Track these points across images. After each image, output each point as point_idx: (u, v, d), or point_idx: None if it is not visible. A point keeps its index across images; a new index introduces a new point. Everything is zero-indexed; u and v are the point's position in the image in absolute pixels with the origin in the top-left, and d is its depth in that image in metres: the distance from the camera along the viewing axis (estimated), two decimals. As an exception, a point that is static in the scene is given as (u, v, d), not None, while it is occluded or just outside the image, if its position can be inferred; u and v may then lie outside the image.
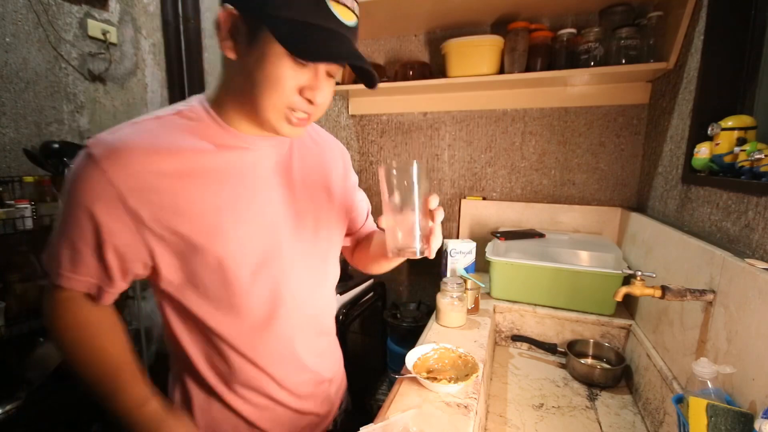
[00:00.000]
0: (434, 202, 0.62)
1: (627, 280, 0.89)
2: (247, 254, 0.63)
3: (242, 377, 0.68)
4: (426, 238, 0.63)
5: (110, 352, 0.64)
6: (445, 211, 1.96)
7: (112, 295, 0.63)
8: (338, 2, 0.53)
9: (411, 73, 1.60)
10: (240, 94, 0.59)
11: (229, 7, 0.53)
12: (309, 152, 0.75)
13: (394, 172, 0.61)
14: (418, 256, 0.63)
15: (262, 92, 0.56)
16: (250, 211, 0.63)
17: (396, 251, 0.64)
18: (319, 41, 0.52)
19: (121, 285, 0.62)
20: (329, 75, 0.59)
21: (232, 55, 0.56)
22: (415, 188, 0.61)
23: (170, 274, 0.61)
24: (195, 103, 0.63)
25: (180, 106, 0.62)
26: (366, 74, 0.59)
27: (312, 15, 0.52)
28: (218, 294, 0.63)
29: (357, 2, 0.57)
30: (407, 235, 0.62)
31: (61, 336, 0.63)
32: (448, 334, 1.13)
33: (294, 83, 0.55)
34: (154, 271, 0.62)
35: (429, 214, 0.63)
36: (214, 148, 0.61)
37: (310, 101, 0.58)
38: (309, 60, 0.53)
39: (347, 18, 0.55)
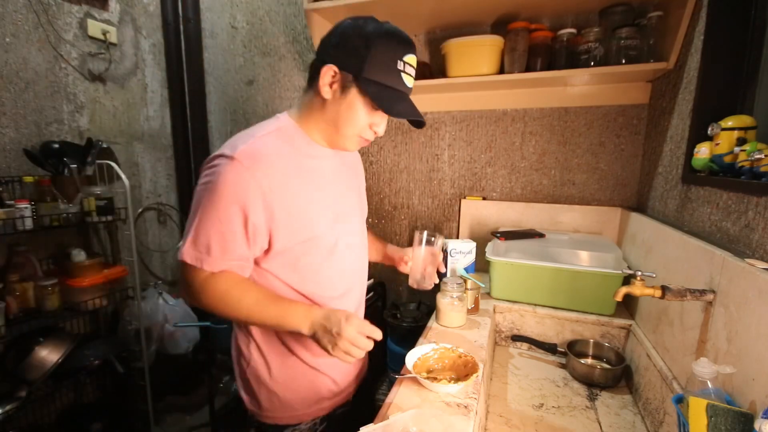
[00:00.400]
0: (441, 257, 1.06)
1: (627, 280, 0.89)
2: (333, 234, 0.86)
3: None
4: (432, 277, 1.04)
5: (264, 292, 0.80)
6: (445, 210, 1.96)
7: (249, 271, 0.81)
8: (407, 73, 0.78)
9: (411, 73, 1.60)
10: (324, 121, 0.82)
11: (332, 65, 0.75)
12: (349, 156, 0.98)
13: (425, 237, 1.02)
14: (428, 288, 1.03)
15: (345, 125, 0.80)
16: (327, 201, 0.86)
17: (415, 283, 1.03)
18: (395, 101, 0.77)
19: (252, 265, 0.81)
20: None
21: (328, 97, 0.78)
22: (436, 248, 1.02)
23: (274, 253, 0.80)
24: (285, 123, 0.84)
25: (277, 123, 0.83)
26: (417, 122, 0.83)
27: (390, 80, 0.76)
28: (312, 267, 0.84)
29: (415, 69, 0.81)
30: (428, 276, 1.02)
31: (217, 302, 0.78)
32: (448, 334, 1.13)
33: (367, 121, 0.80)
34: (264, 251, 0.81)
35: (439, 264, 1.05)
36: (303, 157, 0.82)
37: (375, 132, 0.83)
38: (389, 115, 0.77)
39: (410, 83, 0.80)
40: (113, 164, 1.75)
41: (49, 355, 1.49)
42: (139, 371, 1.88)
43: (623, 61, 1.30)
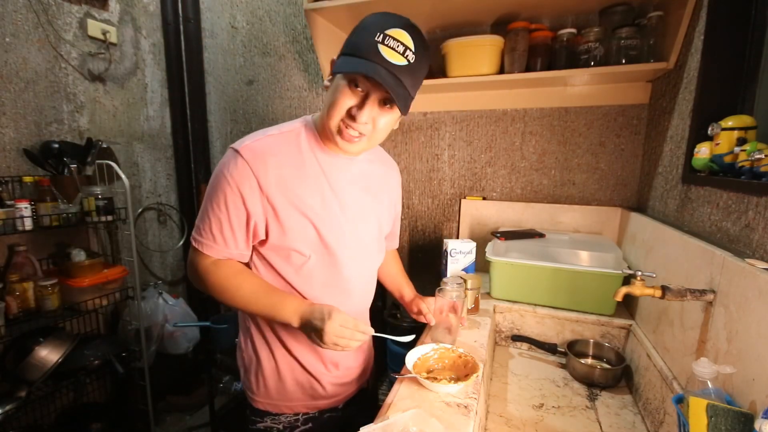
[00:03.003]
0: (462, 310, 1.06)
1: (627, 280, 0.89)
2: (333, 240, 0.85)
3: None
4: (455, 332, 1.02)
5: (261, 283, 0.84)
6: (445, 210, 1.96)
7: (247, 258, 0.86)
8: (387, 46, 0.69)
9: (411, 73, 1.60)
10: (322, 118, 0.81)
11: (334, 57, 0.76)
12: (378, 171, 0.98)
13: (446, 293, 1.02)
14: (450, 344, 0.97)
15: (328, 114, 0.77)
16: (335, 205, 0.85)
17: (436, 341, 1.00)
18: (356, 64, 0.70)
19: (250, 253, 0.86)
20: (382, 104, 0.75)
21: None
22: (457, 301, 1.01)
23: (270, 245, 0.83)
24: (303, 125, 0.85)
25: (296, 125, 0.85)
26: (400, 98, 0.72)
27: (363, 52, 0.70)
28: (306, 266, 0.85)
29: (412, 50, 0.71)
30: (452, 330, 1.01)
31: (218, 288, 0.82)
32: (448, 334, 1.12)
33: (345, 104, 0.74)
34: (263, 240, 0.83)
35: (461, 319, 1.07)
36: (314, 157, 0.84)
37: (354, 118, 0.74)
38: (339, 71, 0.73)
39: (390, 56, 0.70)
40: (113, 164, 1.75)
41: (49, 355, 1.49)
42: (139, 371, 1.88)
43: (623, 61, 1.30)
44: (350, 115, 0.74)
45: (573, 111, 1.58)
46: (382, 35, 0.69)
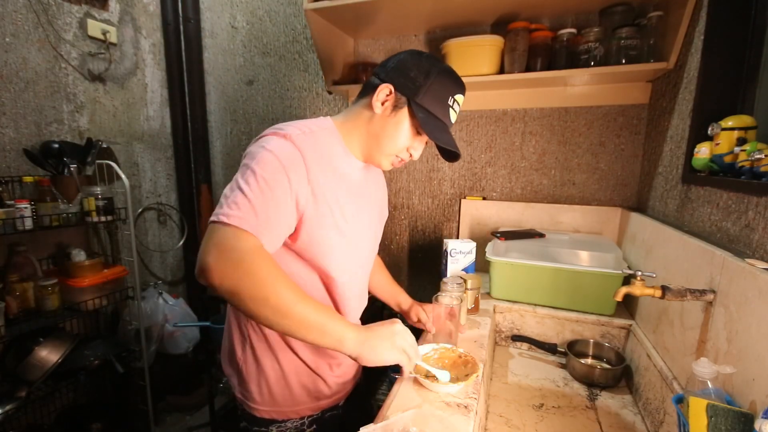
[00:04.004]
0: (463, 319, 1.11)
1: (627, 280, 0.89)
2: (357, 232, 0.88)
3: None
4: (453, 337, 1.00)
5: (302, 291, 0.72)
6: (445, 210, 1.95)
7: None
8: (453, 109, 0.83)
9: (411, 73, 1.60)
10: (367, 134, 0.85)
11: (389, 84, 0.80)
12: (374, 176, 1.00)
13: (444, 299, 1.03)
14: (449, 345, 0.96)
15: (387, 142, 0.83)
16: (350, 209, 0.86)
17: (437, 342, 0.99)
18: (438, 130, 0.81)
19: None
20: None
21: (378, 112, 0.81)
22: (457, 319, 1.01)
23: (299, 238, 0.79)
24: (328, 126, 0.86)
25: (321, 125, 0.84)
26: (453, 155, 0.84)
27: (438, 112, 0.81)
28: (332, 253, 0.84)
29: (460, 107, 0.86)
30: (448, 339, 1.00)
31: (260, 281, 0.66)
32: (448, 334, 1.12)
33: (407, 144, 0.84)
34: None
35: (460, 327, 1.07)
36: (337, 161, 0.85)
37: (411, 155, 0.87)
38: (433, 140, 0.79)
39: (453, 119, 0.85)
40: (113, 164, 1.75)
41: (48, 355, 1.49)
42: (139, 371, 1.87)
43: (623, 61, 1.30)
44: (407, 151, 0.86)
45: (573, 111, 1.58)
46: (452, 100, 0.82)
